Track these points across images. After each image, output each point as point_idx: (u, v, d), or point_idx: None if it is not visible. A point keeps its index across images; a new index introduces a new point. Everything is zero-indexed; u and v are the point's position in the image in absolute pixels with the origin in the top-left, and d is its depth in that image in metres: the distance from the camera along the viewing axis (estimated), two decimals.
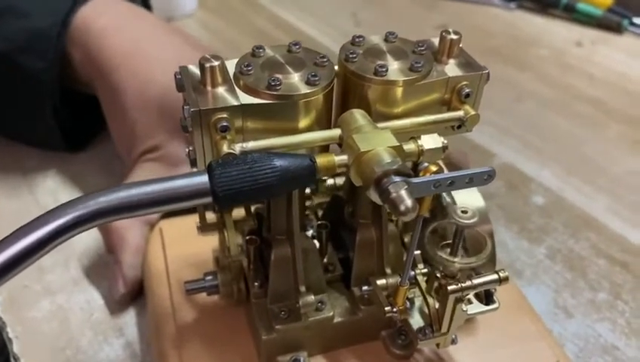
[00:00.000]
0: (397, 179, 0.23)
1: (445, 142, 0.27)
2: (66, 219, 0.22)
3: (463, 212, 0.28)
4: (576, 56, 0.73)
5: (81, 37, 0.46)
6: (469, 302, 0.31)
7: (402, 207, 0.22)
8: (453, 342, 0.32)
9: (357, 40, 0.29)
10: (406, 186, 0.23)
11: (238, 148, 0.25)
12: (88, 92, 0.49)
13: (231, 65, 0.27)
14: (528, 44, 0.75)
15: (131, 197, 0.22)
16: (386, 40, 0.30)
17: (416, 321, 0.32)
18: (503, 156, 0.56)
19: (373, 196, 0.24)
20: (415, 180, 0.24)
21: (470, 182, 0.24)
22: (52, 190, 0.50)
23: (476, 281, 0.29)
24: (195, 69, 0.27)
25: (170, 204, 0.23)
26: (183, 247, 0.40)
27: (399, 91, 0.27)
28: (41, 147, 0.53)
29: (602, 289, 0.43)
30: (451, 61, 0.29)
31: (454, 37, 0.29)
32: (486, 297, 0.32)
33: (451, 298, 0.29)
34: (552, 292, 0.43)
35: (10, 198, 0.49)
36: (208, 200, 0.23)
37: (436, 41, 0.30)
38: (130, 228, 0.41)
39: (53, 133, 0.50)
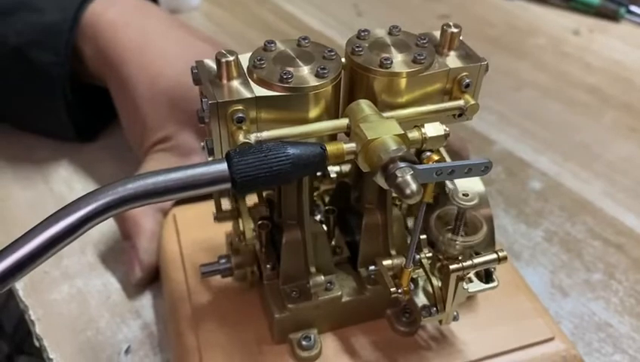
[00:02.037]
0: (402, 164, 0.25)
1: (447, 129, 0.28)
2: (97, 205, 0.23)
3: (464, 195, 0.30)
4: (573, 45, 0.74)
5: (91, 31, 0.48)
6: (470, 280, 0.33)
7: (408, 191, 0.24)
8: (455, 318, 0.34)
9: (362, 34, 0.31)
10: (411, 171, 0.25)
11: (253, 137, 0.27)
12: (99, 84, 0.51)
13: (244, 59, 0.29)
14: (527, 34, 0.76)
15: (157, 183, 0.24)
16: (390, 33, 0.31)
17: (420, 300, 0.34)
18: (502, 143, 0.58)
19: (380, 181, 0.26)
20: (419, 167, 0.25)
21: (469, 171, 0.26)
22: (66, 179, 0.52)
23: (476, 260, 0.31)
24: (210, 64, 0.29)
25: (192, 190, 0.25)
26: (196, 233, 0.42)
27: (403, 82, 0.29)
28: (53, 138, 0.55)
29: (597, 269, 0.45)
30: (452, 53, 0.31)
31: (455, 30, 0.30)
32: (486, 276, 0.34)
33: (453, 276, 0.31)
34: (549, 273, 0.45)
35: (25, 188, 0.51)
36: (227, 186, 0.25)
37: (437, 33, 0.32)
38: (144, 215, 0.43)
39: (65, 124, 0.52)
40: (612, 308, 0.42)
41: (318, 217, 0.37)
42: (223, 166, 0.25)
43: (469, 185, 0.35)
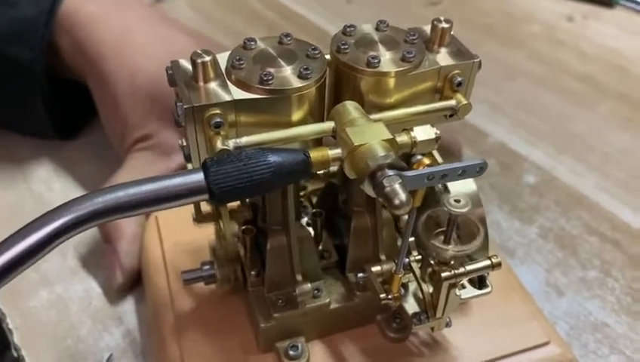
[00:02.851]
0: (391, 173, 0.23)
1: (438, 132, 0.27)
2: (63, 221, 0.22)
3: (455, 201, 0.28)
4: (567, 32, 0.72)
5: (68, 25, 0.46)
6: (463, 286, 0.32)
7: (396, 201, 0.23)
8: (448, 325, 0.33)
9: (348, 30, 0.29)
10: (400, 180, 0.23)
11: (231, 143, 0.25)
12: (77, 80, 0.49)
13: (222, 59, 0.27)
14: (520, 21, 0.75)
15: (128, 196, 0.22)
16: (377, 29, 0.30)
17: (410, 306, 0.32)
18: (495, 135, 0.57)
19: (368, 189, 0.24)
20: (409, 173, 0.24)
21: (463, 174, 0.25)
22: (45, 178, 0.50)
23: (469, 268, 0.30)
24: (186, 64, 0.27)
25: (167, 203, 0.23)
26: (179, 235, 0.40)
27: (391, 82, 0.27)
28: (32, 136, 0.53)
29: (593, 267, 0.44)
30: (443, 49, 0.29)
31: (445, 25, 0.29)
32: (479, 281, 0.32)
33: (445, 284, 0.30)
34: (544, 271, 0.44)
35: (5, 188, 0.49)
36: (205, 197, 0.23)
37: (427, 28, 0.30)
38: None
39: (43, 122, 0.50)
40: (609, 307, 0.41)
41: (304, 220, 0.36)
42: (200, 176, 0.23)
43: (460, 184, 0.34)
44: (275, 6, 0.75)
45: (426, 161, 0.25)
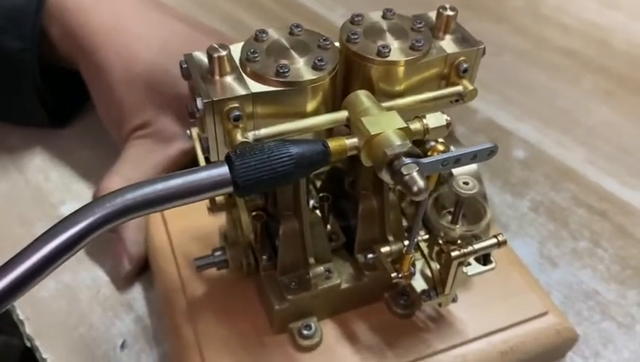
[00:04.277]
0: (408, 160, 0.24)
1: (448, 118, 0.28)
2: (95, 218, 0.22)
3: (464, 183, 0.29)
4: (550, 6, 0.74)
5: (58, 13, 0.45)
6: (468, 263, 0.34)
7: (415, 188, 0.24)
8: (454, 300, 0.34)
9: (356, 19, 0.30)
10: (417, 168, 0.24)
11: (251, 135, 0.26)
12: (69, 67, 0.48)
13: (235, 50, 0.28)
14: None
15: (157, 192, 0.23)
16: (384, 17, 0.30)
17: (419, 284, 0.34)
18: (483, 111, 0.58)
19: (385, 177, 0.25)
20: (425, 160, 0.25)
21: (474, 158, 0.26)
22: (42, 168, 0.50)
23: (477, 246, 0.31)
24: (201, 57, 0.27)
25: (194, 196, 0.24)
26: (184, 221, 0.41)
27: (401, 70, 0.28)
28: (24, 124, 0.52)
29: (583, 238, 0.46)
30: (448, 37, 0.30)
31: (451, 13, 0.29)
32: (484, 258, 0.34)
33: (455, 263, 0.31)
34: (537, 243, 0.46)
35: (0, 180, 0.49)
36: (230, 190, 0.24)
37: (433, 15, 0.31)
38: None
39: (37, 111, 0.49)
40: (599, 275, 0.44)
41: (311, 203, 0.37)
42: (224, 169, 0.24)
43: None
44: None
45: (440, 147, 0.26)
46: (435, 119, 0.27)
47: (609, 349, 0.39)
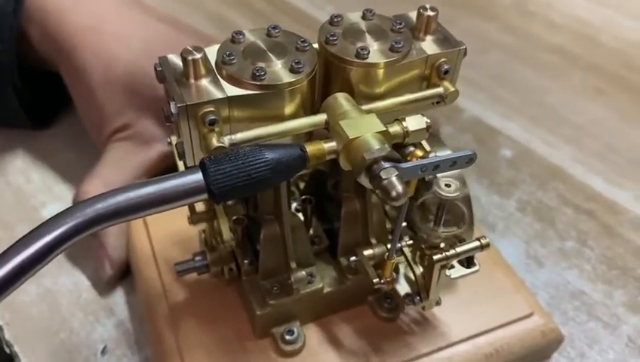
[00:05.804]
0: (387, 165, 0.24)
1: (428, 121, 0.27)
2: (64, 229, 0.22)
3: (446, 185, 0.29)
4: (538, 3, 0.73)
5: (37, 14, 0.44)
6: (452, 266, 0.33)
7: (394, 193, 0.23)
8: (438, 303, 0.34)
9: (335, 19, 0.29)
10: (396, 172, 0.24)
11: (226, 140, 0.25)
12: (49, 68, 0.48)
13: (211, 53, 0.27)
14: None
15: (129, 200, 0.22)
16: (363, 18, 0.30)
17: (402, 287, 0.33)
18: (470, 110, 0.58)
19: (364, 181, 0.25)
20: (404, 165, 0.24)
21: (453, 165, 0.26)
22: (23, 170, 0.49)
23: (459, 249, 0.31)
24: (175, 60, 0.27)
25: (167, 204, 0.23)
26: (166, 225, 0.40)
27: (381, 72, 0.28)
28: (5, 126, 0.51)
29: (570, 237, 0.46)
30: (429, 37, 0.29)
31: (431, 13, 0.29)
32: (467, 261, 0.34)
33: (437, 266, 0.31)
34: (523, 243, 0.45)
35: None
36: (204, 197, 0.23)
37: (413, 15, 0.30)
38: None
39: (16, 112, 0.49)
40: (585, 275, 0.43)
41: (293, 205, 0.36)
42: (198, 176, 0.23)
43: None
44: None
45: (419, 153, 0.25)
46: (414, 122, 0.27)
47: (594, 350, 0.39)
